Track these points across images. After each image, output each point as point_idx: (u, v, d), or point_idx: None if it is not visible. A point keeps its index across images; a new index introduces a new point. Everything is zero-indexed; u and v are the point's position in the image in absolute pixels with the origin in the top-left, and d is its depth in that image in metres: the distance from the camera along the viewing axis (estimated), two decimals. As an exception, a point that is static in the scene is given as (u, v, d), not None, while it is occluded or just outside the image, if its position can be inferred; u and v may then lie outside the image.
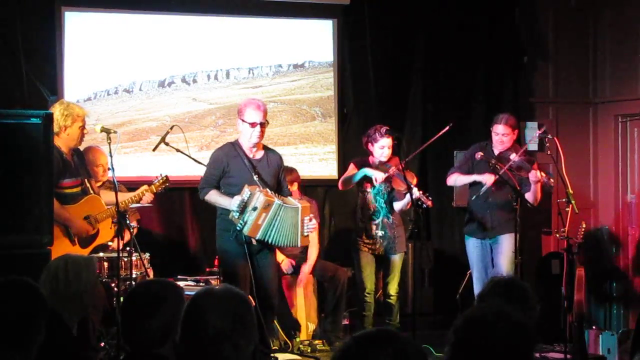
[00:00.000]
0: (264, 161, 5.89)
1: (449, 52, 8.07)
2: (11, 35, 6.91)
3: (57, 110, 5.73)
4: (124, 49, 7.44)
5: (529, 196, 6.49)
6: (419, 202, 6.24)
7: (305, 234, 5.77)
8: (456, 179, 6.75)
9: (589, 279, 7.02)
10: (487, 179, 6.46)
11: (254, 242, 5.68)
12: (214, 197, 5.82)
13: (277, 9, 7.80)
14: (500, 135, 6.59)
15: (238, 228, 5.63)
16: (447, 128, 6.61)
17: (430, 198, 6.29)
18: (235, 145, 5.89)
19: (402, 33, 8.05)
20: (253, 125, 5.76)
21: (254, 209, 5.58)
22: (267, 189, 5.72)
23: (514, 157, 6.44)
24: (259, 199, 5.59)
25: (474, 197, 6.65)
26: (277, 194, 5.76)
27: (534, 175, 6.32)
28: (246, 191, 5.61)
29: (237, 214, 5.62)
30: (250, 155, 5.85)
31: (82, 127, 5.81)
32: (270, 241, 5.69)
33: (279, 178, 5.98)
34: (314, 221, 5.89)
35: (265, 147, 5.98)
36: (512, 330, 2.30)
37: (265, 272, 5.81)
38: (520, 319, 2.35)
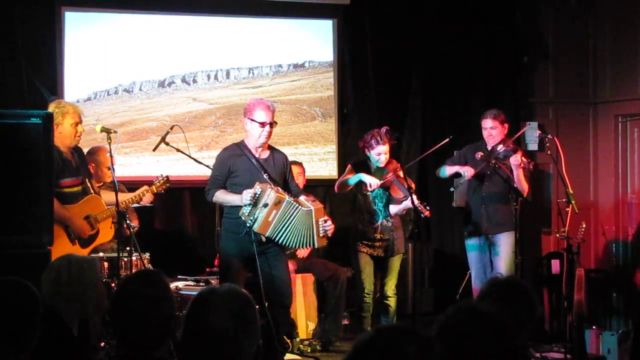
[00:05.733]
0: (270, 161, 5.87)
1: (449, 52, 8.07)
2: (11, 35, 6.91)
3: (50, 109, 5.73)
4: (124, 49, 7.44)
5: (516, 185, 6.54)
6: (417, 210, 6.22)
7: (322, 234, 5.74)
8: (441, 169, 6.79)
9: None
10: (467, 170, 6.52)
11: (263, 239, 5.67)
12: (221, 196, 5.79)
13: (277, 9, 7.80)
14: (489, 129, 6.66)
15: (248, 225, 5.60)
16: (446, 140, 6.65)
17: (428, 208, 6.25)
18: (240, 146, 5.87)
19: (402, 33, 8.05)
20: (263, 125, 5.74)
21: (265, 205, 5.55)
22: (278, 187, 5.71)
23: (500, 147, 6.50)
24: (269, 195, 5.57)
25: (468, 192, 6.69)
26: (288, 193, 5.76)
27: (514, 159, 6.36)
28: (257, 187, 5.59)
29: (249, 208, 5.57)
30: (257, 155, 5.84)
31: (75, 125, 5.77)
32: (281, 241, 5.66)
33: (285, 178, 5.96)
34: (329, 222, 5.82)
35: (270, 147, 5.97)
36: (487, 328, 2.29)
37: (277, 273, 5.76)
38: (496, 317, 2.34)
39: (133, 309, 2.93)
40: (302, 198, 5.86)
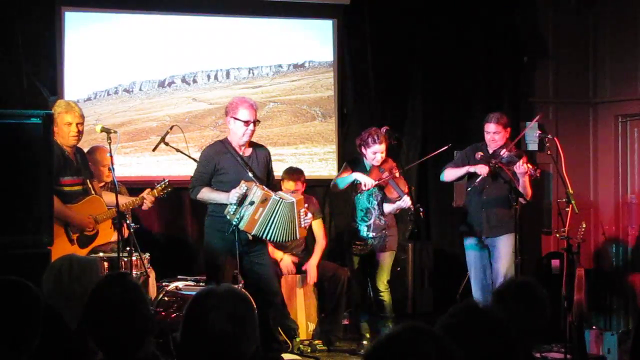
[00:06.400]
0: (253, 157, 5.91)
1: (449, 52, 8.07)
2: (11, 35, 6.90)
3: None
4: (124, 49, 7.44)
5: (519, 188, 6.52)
6: (417, 211, 6.22)
7: (302, 225, 5.81)
8: (449, 173, 6.73)
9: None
10: (482, 169, 6.47)
11: (250, 237, 5.68)
12: (206, 194, 5.80)
13: (277, 9, 7.81)
14: (492, 133, 6.61)
15: (234, 223, 5.62)
16: (445, 147, 6.61)
17: (422, 210, 6.25)
18: (225, 143, 5.89)
19: (402, 33, 8.05)
20: (247, 123, 5.77)
21: (251, 203, 5.58)
22: (263, 185, 5.73)
23: (503, 152, 6.46)
24: (256, 193, 5.59)
25: (469, 194, 6.67)
26: (272, 190, 5.78)
27: (520, 166, 6.34)
28: (243, 186, 5.61)
29: (234, 207, 5.60)
30: (241, 153, 5.86)
31: (69, 124, 5.76)
32: (268, 237, 5.70)
33: (268, 173, 6.00)
34: (309, 213, 5.91)
35: (252, 144, 5.99)
36: (489, 329, 2.29)
37: (263, 271, 5.81)
38: (497, 317, 2.33)
39: (106, 314, 2.92)
40: (281, 193, 5.91)
